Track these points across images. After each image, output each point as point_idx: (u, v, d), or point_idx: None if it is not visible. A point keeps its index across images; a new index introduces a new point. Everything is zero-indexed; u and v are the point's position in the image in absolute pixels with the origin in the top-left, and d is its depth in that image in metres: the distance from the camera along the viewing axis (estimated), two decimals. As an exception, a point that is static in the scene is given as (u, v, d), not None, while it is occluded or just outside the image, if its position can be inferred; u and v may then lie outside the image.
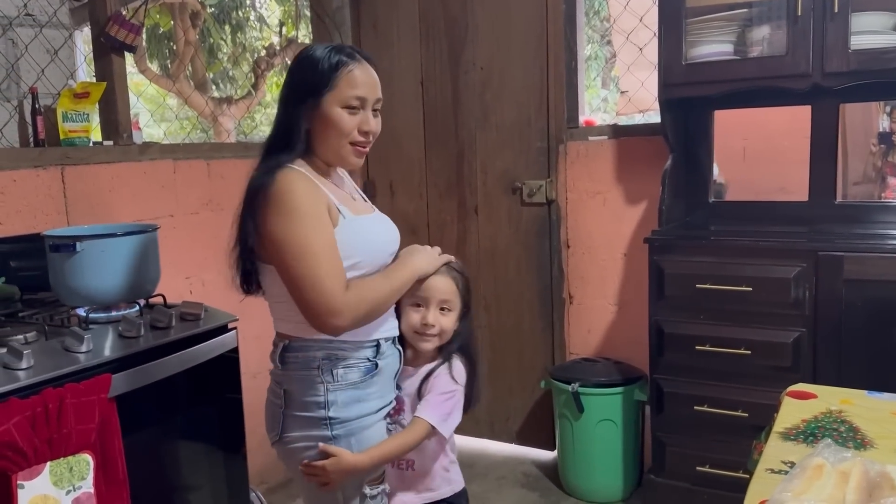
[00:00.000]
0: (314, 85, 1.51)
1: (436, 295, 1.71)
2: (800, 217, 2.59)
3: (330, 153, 1.56)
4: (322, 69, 1.51)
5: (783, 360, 2.29)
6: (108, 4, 2.50)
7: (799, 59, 2.28)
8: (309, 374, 1.53)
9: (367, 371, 1.57)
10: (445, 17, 3.25)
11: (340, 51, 1.53)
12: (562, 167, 3.08)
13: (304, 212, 1.44)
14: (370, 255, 1.56)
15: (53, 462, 1.50)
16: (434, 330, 1.71)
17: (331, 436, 1.53)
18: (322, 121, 1.52)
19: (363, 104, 1.54)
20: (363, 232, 1.55)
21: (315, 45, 1.60)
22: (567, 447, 2.90)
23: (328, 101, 1.51)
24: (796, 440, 1.45)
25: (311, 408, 1.53)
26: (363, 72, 1.54)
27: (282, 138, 1.54)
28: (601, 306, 3.09)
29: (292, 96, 1.54)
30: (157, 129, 6.85)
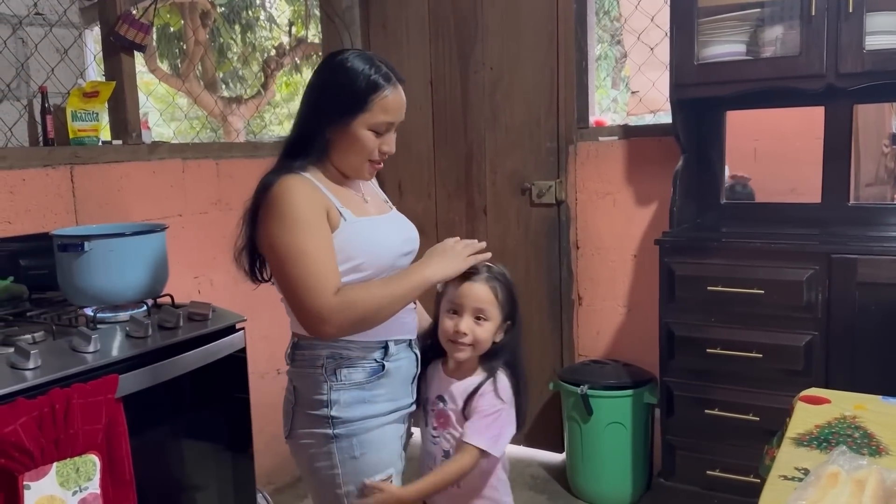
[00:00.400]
0: (348, 104, 1.50)
1: (470, 303, 1.64)
2: (812, 219, 2.57)
3: (346, 166, 1.58)
4: (359, 89, 1.50)
5: (795, 363, 2.26)
6: (118, 4, 2.49)
7: (813, 59, 2.25)
8: (314, 372, 1.55)
9: (373, 372, 1.56)
10: (455, 17, 3.23)
11: (378, 71, 1.52)
12: (572, 168, 3.06)
13: (296, 216, 1.44)
14: (372, 256, 1.53)
15: (60, 463, 1.50)
16: (466, 339, 1.63)
17: (332, 434, 1.53)
18: (347, 138, 1.53)
19: (389, 128, 1.56)
20: (365, 233, 1.54)
21: (350, 54, 1.55)
22: (576, 450, 2.88)
23: (358, 122, 1.51)
24: (810, 446, 1.43)
25: (316, 406, 1.54)
26: (396, 97, 1.54)
27: (301, 144, 1.54)
28: (611, 308, 3.07)
29: (323, 106, 1.53)
30: (167, 128, 6.86)
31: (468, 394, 1.68)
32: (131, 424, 1.65)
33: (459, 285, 1.66)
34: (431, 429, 1.72)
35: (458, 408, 1.68)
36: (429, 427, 1.73)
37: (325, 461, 1.55)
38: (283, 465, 2.99)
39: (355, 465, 1.55)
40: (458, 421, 1.68)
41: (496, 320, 1.67)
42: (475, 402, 1.67)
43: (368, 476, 1.56)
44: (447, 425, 1.69)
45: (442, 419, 1.70)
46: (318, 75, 1.58)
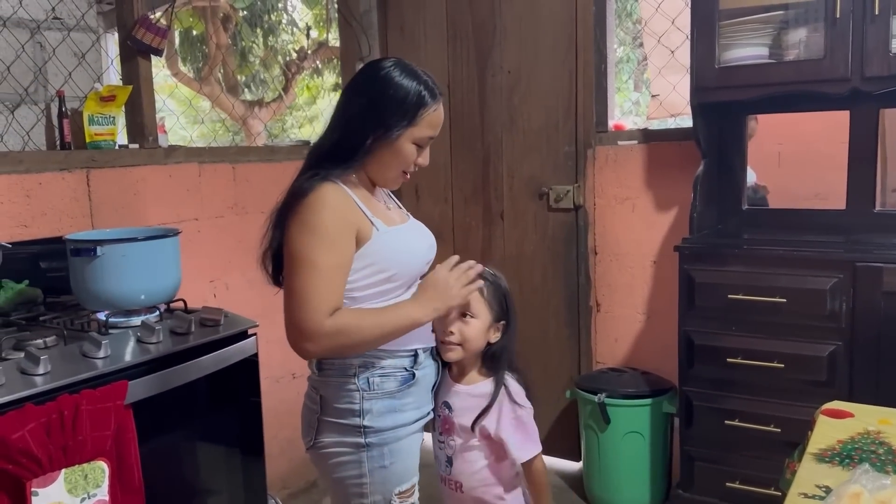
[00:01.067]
0: (398, 118, 1.51)
1: None
2: (837, 226, 2.51)
3: (380, 176, 1.59)
4: (409, 103, 1.51)
5: (818, 374, 2.21)
6: (136, 8, 2.50)
7: (837, 62, 2.20)
8: (345, 380, 1.54)
9: (405, 381, 1.57)
10: (473, 21, 3.21)
11: (426, 86, 1.54)
12: (590, 172, 3.02)
13: (321, 229, 1.45)
14: (404, 266, 1.56)
15: (68, 469, 1.49)
16: (453, 338, 1.67)
17: (364, 443, 1.53)
18: (390, 150, 1.54)
19: (429, 142, 1.59)
20: (396, 243, 1.55)
21: (396, 67, 1.55)
22: (593, 459, 2.84)
23: (405, 136, 1.53)
24: (831, 462, 1.38)
25: (346, 415, 1.54)
26: (439, 112, 1.57)
27: (343, 152, 1.53)
28: (629, 315, 3.02)
29: (370, 117, 1.52)
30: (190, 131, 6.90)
31: (478, 409, 1.68)
32: (141, 430, 1.65)
33: None
34: (439, 434, 1.75)
35: (464, 418, 1.71)
36: (436, 432, 1.76)
37: (354, 470, 1.55)
38: (298, 469, 2.97)
39: (384, 475, 1.55)
40: (462, 430, 1.69)
41: (484, 317, 1.69)
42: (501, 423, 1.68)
43: (395, 485, 1.57)
44: (451, 432, 1.72)
45: (447, 425, 1.73)
46: (363, 85, 1.57)
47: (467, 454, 1.72)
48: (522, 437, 1.71)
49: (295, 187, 1.51)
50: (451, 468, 1.73)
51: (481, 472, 1.72)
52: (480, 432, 1.71)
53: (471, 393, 1.72)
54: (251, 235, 1.58)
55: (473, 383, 1.73)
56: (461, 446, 1.72)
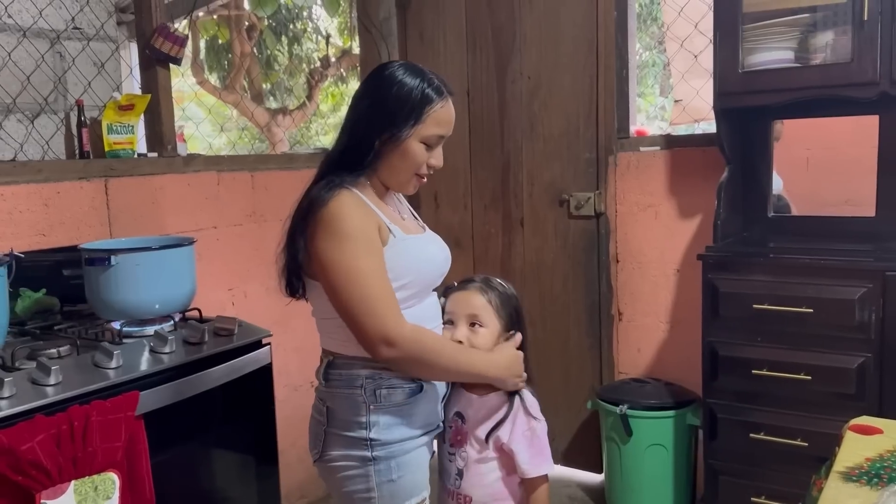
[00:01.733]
0: (403, 116, 1.48)
1: (462, 310, 1.65)
2: (866, 233, 2.44)
3: (392, 180, 1.56)
4: (413, 102, 1.48)
5: (846, 387, 2.14)
6: (155, 18, 2.51)
7: (865, 66, 2.13)
8: (352, 392, 1.51)
9: (412, 393, 1.54)
10: (493, 26, 3.18)
11: (431, 83, 1.50)
12: (611, 179, 2.97)
13: (356, 236, 1.42)
14: (420, 275, 1.53)
15: (78, 481, 1.49)
16: None
17: (371, 457, 1.50)
18: (398, 151, 1.50)
19: (439, 141, 1.54)
20: (413, 251, 1.53)
21: (400, 67, 1.54)
22: (615, 471, 2.78)
23: (411, 135, 1.49)
24: (859, 481, 1.33)
25: (353, 427, 1.50)
26: (447, 110, 1.53)
27: (350, 156, 1.51)
28: (652, 324, 2.97)
29: (375, 118, 1.50)
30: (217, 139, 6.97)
31: (494, 421, 1.65)
32: (153, 441, 1.64)
33: (452, 296, 1.68)
34: (448, 445, 1.71)
35: (478, 429, 1.67)
36: (446, 444, 1.71)
37: (361, 485, 1.51)
38: (316, 478, 2.92)
39: (392, 489, 1.51)
40: (476, 441, 1.66)
41: (493, 327, 1.66)
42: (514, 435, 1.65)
43: (404, 500, 1.53)
44: (463, 443, 1.68)
45: (459, 437, 1.69)
46: (368, 87, 1.55)
47: (480, 466, 1.68)
48: (534, 452, 1.66)
49: (311, 197, 1.47)
50: (462, 481, 1.68)
51: (494, 485, 1.68)
52: (494, 444, 1.67)
53: (485, 403, 1.68)
54: (270, 243, 1.56)
55: (488, 394, 1.70)
56: (474, 458, 1.68)
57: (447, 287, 1.75)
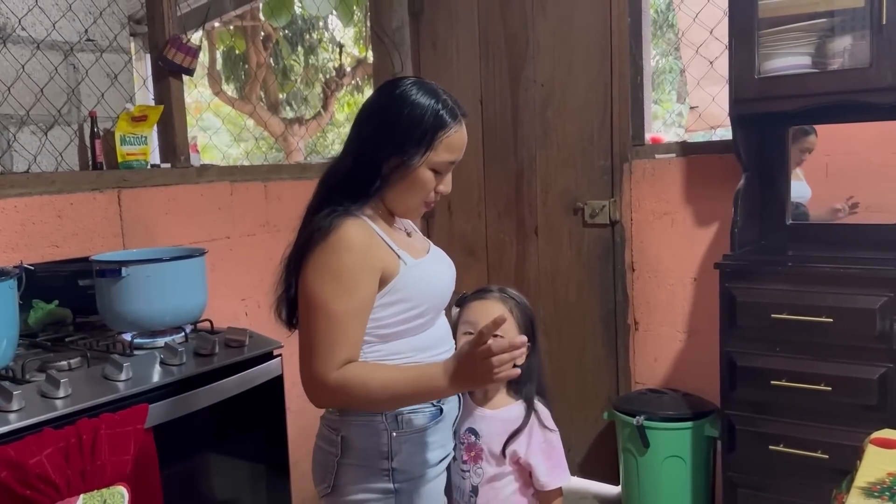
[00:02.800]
0: (413, 142, 1.38)
1: (485, 319, 1.56)
2: (887, 241, 2.38)
3: (399, 207, 1.47)
4: (426, 126, 1.38)
5: (868, 398, 2.09)
6: (167, 29, 2.52)
7: (884, 71, 2.09)
8: (371, 419, 1.42)
9: (433, 417, 1.46)
10: (506, 34, 3.17)
11: (445, 106, 1.41)
12: (626, 186, 2.94)
13: (342, 274, 1.34)
14: (435, 299, 1.48)
15: (87, 495, 1.48)
16: None
17: (393, 489, 1.41)
18: (406, 177, 1.41)
19: (450, 167, 1.46)
20: (424, 276, 1.45)
21: (412, 85, 1.43)
22: (632, 483, 2.74)
23: (421, 161, 1.40)
24: (881, 497, 1.29)
25: (373, 457, 1.41)
26: (461, 134, 1.44)
27: (356, 183, 1.41)
28: (669, 334, 2.93)
29: (383, 141, 1.40)
30: (234, 149, 7.01)
31: (508, 433, 1.63)
32: (163, 454, 1.63)
33: (467, 308, 1.66)
34: (461, 462, 1.69)
35: (493, 443, 1.65)
36: (458, 461, 1.68)
37: None
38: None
39: None
40: (492, 456, 1.64)
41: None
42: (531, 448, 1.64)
43: None
44: (478, 459, 1.65)
45: (473, 452, 1.66)
46: (377, 106, 1.45)
47: (496, 482, 1.66)
48: (552, 464, 1.66)
49: (315, 226, 1.38)
50: (477, 498, 1.66)
51: (510, 499, 1.67)
52: (511, 457, 1.65)
53: (498, 417, 1.67)
54: (283, 254, 1.51)
55: (501, 407, 1.69)
56: (490, 474, 1.66)
57: (461, 297, 1.73)
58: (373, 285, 1.37)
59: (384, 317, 1.40)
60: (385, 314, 1.40)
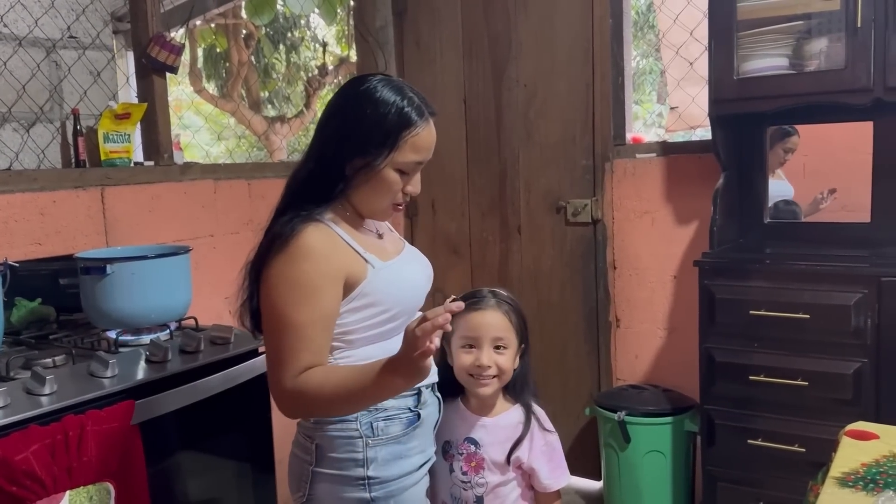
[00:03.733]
0: (376, 142, 1.34)
1: (488, 333, 1.59)
2: (862, 239, 2.44)
3: (366, 208, 1.43)
4: (389, 126, 1.34)
5: (843, 392, 2.14)
6: (151, 26, 2.52)
7: (859, 72, 2.14)
8: (345, 427, 1.38)
9: (410, 423, 1.43)
10: (489, 34, 3.19)
11: (411, 103, 1.36)
12: (608, 186, 2.98)
13: (301, 282, 1.30)
14: (405, 303, 1.44)
15: (73, 491, 1.48)
16: (490, 371, 1.59)
17: (369, 498, 1.38)
18: (371, 179, 1.37)
19: (417, 168, 1.41)
20: (393, 279, 1.41)
21: (377, 82, 1.38)
22: (613, 478, 2.78)
23: (386, 162, 1.35)
24: (855, 487, 1.33)
25: (347, 465, 1.38)
26: (428, 133, 1.38)
27: (319, 185, 1.37)
28: (649, 331, 2.97)
29: (346, 142, 1.35)
30: (215, 148, 6.97)
31: (509, 439, 1.63)
32: (149, 451, 1.63)
33: (465, 318, 1.60)
34: (461, 473, 1.65)
35: (495, 451, 1.63)
36: (456, 472, 1.65)
37: None
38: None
39: None
40: (495, 464, 1.62)
41: (513, 347, 1.63)
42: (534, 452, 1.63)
43: None
44: (479, 469, 1.63)
45: (473, 462, 1.64)
46: (340, 105, 1.39)
47: (501, 489, 1.64)
48: (553, 466, 1.65)
49: (274, 233, 1.34)
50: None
51: (517, 502, 1.67)
52: (514, 463, 1.64)
53: (499, 424, 1.64)
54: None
55: (500, 413, 1.66)
56: (495, 482, 1.64)
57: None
58: (335, 292, 1.34)
59: (352, 322, 1.38)
60: (353, 319, 1.38)
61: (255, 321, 1.44)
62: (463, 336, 1.61)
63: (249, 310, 1.43)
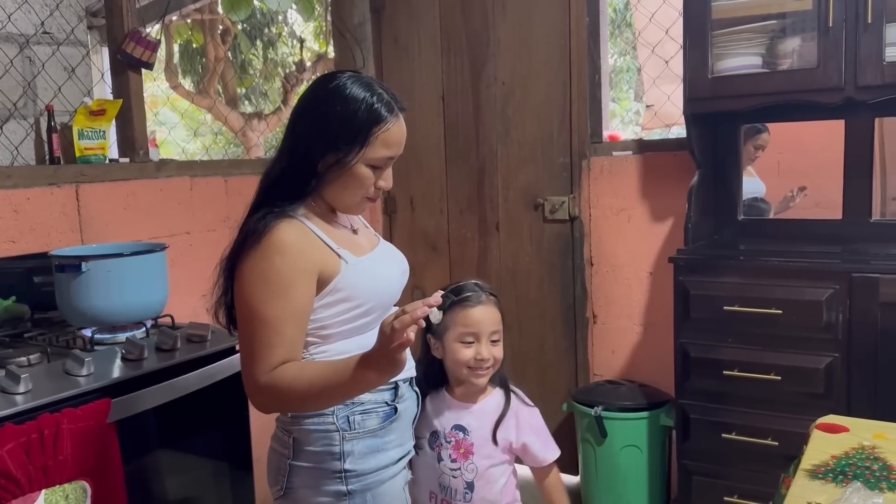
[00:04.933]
0: (346, 139, 1.35)
1: (486, 327, 1.67)
2: (833, 236, 2.48)
3: (339, 203, 1.44)
4: (359, 123, 1.35)
5: (815, 386, 2.18)
6: (126, 22, 2.49)
7: (831, 71, 2.18)
8: (322, 420, 1.40)
9: (387, 417, 1.45)
10: (467, 32, 3.20)
11: (381, 99, 1.37)
12: (585, 183, 3.00)
13: (273, 278, 1.31)
14: (379, 297, 1.45)
15: (49, 490, 1.47)
16: (489, 363, 1.68)
17: (346, 491, 1.39)
18: (344, 176, 1.38)
19: (388, 163, 1.42)
20: (367, 274, 1.43)
21: (347, 79, 1.39)
22: (590, 473, 2.80)
23: (357, 160, 1.37)
24: (825, 479, 1.36)
25: (324, 459, 1.39)
26: (398, 129, 1.40)
27: (292, 182, 1.39)
28: (626, 327, 3.00)
29: (316, 139, 1.36)
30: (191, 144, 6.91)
31: (496, 419, 1.70)
32: (126, 449, 1.63)
33: (464, 313, 1.67)
34: (449, 461, 1.70)
35: (484, 435, 1.69)
36: (445, 461, 1.70)
37: None
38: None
39: None
40: (484, 448, 1.67)
41: (503, 337, 1.72)
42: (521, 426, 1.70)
43: None
44: (469, 455, 1.68)
45: (462, 449, 1.69)
46: (310, 102, 1.41)
47: (492, 471, 1.70)
48: (543, 438, 1.74)
49: (247, 229, 1.36)
50: (473, 493, 1.68)
51: (505, 487, 1.72)
52: (503, 445, 1.70)
53: (484, 408, 1.72)
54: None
55: (484, 398, 1.74)
56: (485, 466, 1.69)
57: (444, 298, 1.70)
58: (308, 287, 1.35)
59: (327, 317, 1.39)
60: (328, 314, 1.39)
61: (229, 317, 1.45)
62: (463, 331, 1.67)
63: (224, 306, 1.45)
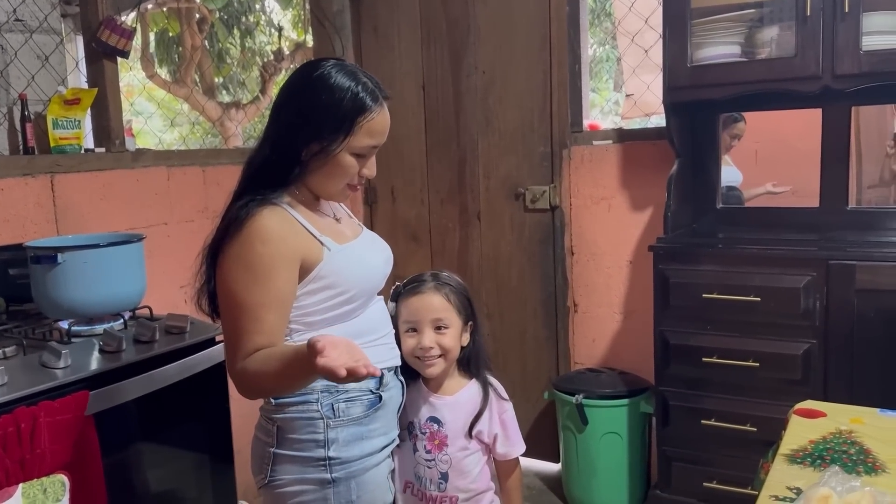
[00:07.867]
0: (331, 128, 1.35)
1: (426, 315, 1.65)
2: (811, 224, 2.51)
3: (322, 191, 1.45)
4: (343, 112, 1.35)
5: (793, 372, 2.20)
6: (101, 10, 2.45)
7: (808, 60, 2.19)
8: (306, 408, 1.40)
9: (371, 405, 1.45)
10: (447, 21, 3.18)
11: (365, 88, 1.37)
12: (566, 172, 3.00)
13: (254, 265, 1.32)
14: (361, 284, 1.45)
15: (26, 484, 1.45)
16: (434, 352, 1.64)
17: (330, 478, 1.40)
18: (328, 164, 1.39)
19: (372, 151, 1.43)
20: (350, 261, 1.43)
21: (331, 68, 1.39)
22: (571, 460, 2.82)
23: (342, 149, 1.37)
24: (803, 463, 1.38)
25: (308, 447, 1.40)
26: (382, 118, 1.41)
27: (276, 170, 1.39)
28: (606, 315, 3.01)
29: (300, 128, 1.37)
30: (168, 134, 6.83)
31: (470, 414, 1.69)
32: (105, 442, 1.61)
33: (405, 303, 1.67)
34: (424, 452, 1.70)
35: (458, 427, 1.68)
36: (420, 451, 1.70)
37: None
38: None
39: None
40: (458, 440, 1.68)
41: (457, 326, 1.68)
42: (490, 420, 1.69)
43: None
44: (443, 446, 1.68)
45: (437, 441, 1.69)
46: (294, 90, 1.41)
47: (465, 461, 1.69)
48: (511, 432, 1.73)
49: (230, 216, 1.36)
50: (447, 483, 1.68)
51: (479, 476, 1.72)
52: (476, 436, 1.70)
53: (459, 400, 1.70)
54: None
55: (459, 390, 1.72)
56: (459, 457, 1.69)
57: (395, 290, 1.72)
58: (290, 274, 1.35)
59: (310, 304, 1.39)
60: (311, 301, 1.39)
61: (212, 305, 1.45)
62: (405, 321, 1.67)
63: (207, 293, 1.44)
